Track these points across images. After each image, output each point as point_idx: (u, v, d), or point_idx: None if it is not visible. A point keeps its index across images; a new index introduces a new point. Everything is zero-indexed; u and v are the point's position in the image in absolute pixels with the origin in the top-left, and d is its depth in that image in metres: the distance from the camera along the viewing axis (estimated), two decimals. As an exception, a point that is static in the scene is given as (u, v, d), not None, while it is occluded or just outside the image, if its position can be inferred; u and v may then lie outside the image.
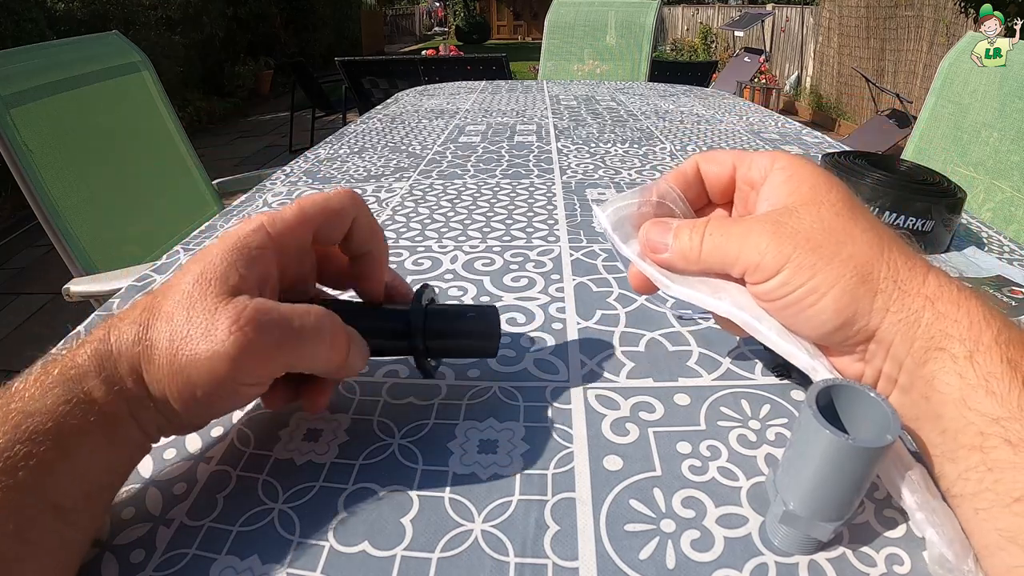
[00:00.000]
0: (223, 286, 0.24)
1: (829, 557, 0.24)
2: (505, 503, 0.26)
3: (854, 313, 0.24)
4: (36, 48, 1.09)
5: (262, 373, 0.25)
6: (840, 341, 0.26)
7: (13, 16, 3.45)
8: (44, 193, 0.96)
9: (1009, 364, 0.21)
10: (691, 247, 0.28)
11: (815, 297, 0.25)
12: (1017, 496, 0.20)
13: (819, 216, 0.26)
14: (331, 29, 8.56)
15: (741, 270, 0.27)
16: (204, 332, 0.23)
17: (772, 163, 0.29)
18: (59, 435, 0.22)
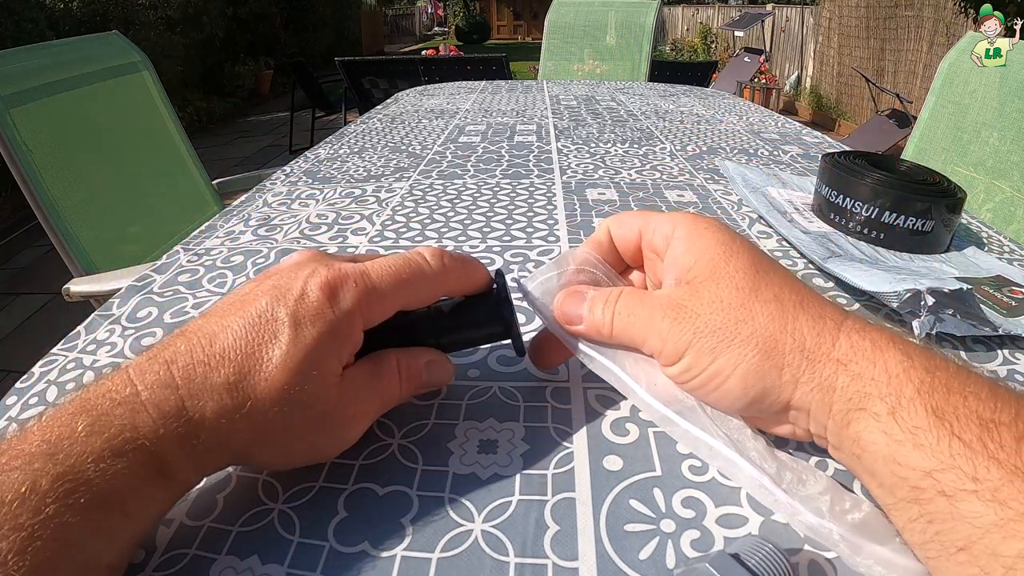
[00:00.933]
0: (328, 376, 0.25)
1: (829, 557, 0.24)
2: (505, 503, 0.26)
3: (762, 390, 0.25)
4: (36, 48, 1.09)
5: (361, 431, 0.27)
6: (758, 413, 0.26)
7: (13, 16, 3.45)
8: (44, 193, 0.96)
9: (935, 414, 0.21)
10: (603, 321, 0.28)
11: (719, 380, 0.25)
12: (960, 546, 0.19)
13: (718, 295, 0.26)
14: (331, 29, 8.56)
15: (649, 351, 0.28)
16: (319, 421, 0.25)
17: (673, 230, 0.28)
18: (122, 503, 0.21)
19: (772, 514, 0.26)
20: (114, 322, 0.41)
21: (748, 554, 0.21)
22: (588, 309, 0.29)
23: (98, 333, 0.40)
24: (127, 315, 0.42)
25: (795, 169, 0.74)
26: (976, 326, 0.37)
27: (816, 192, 0.58)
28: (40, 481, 0.19)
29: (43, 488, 0.19)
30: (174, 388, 0.23)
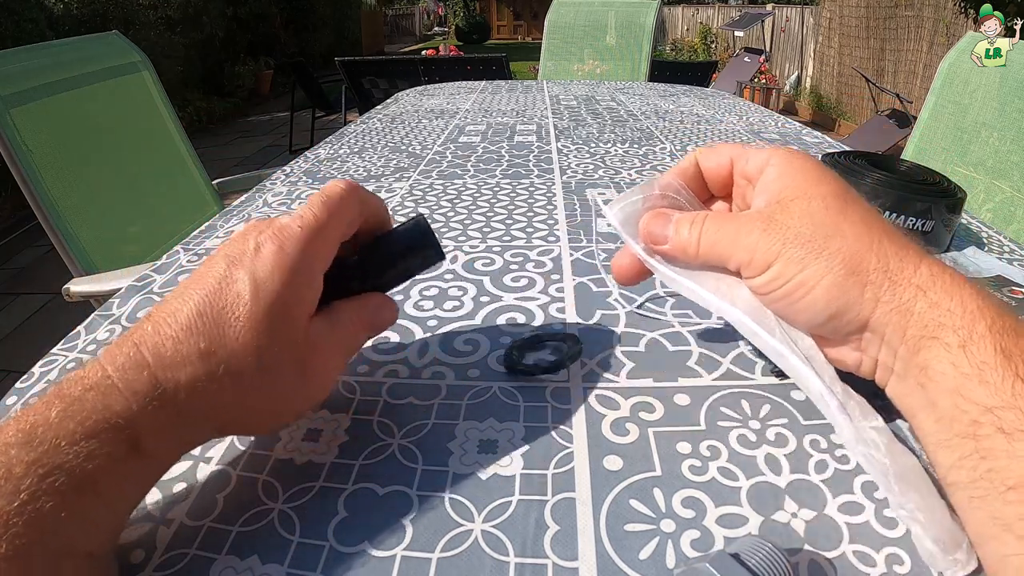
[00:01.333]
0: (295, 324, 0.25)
1: (829, 557, 0.24)
2: (505, 503, 0.26)
3: (844, 304, 0.25)
4: (36, 48, 1.09)
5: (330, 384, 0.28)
6: (833, 331, 0.26)
7: (13, 16, 3.45)
8: (44, 193, 0.96)
9: (1003, 353, 0.22)
10: (690, 241, 0.29)
11: (804, 290, 0.25)
12: (1011, 484, 0.20)
13: (808, 211, 0.26)
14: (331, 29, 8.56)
15: (735, 265, 0.28)
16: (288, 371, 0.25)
17: (767, 159, 0.29)
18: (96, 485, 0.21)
19: (772, 514, 0.26)
20: (114, 322, 0.41)
21: (748, 554, 0.21)
22: (674, 230, 0.29)
23: (98, 333, 0.40)
24: (127, 315, 0.42)
25: (795, 169, 0.74)
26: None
27: (816, 192, 0.57)
28: (15, 468, 0.19)
29: (17, 474, 0.19)
30: (145, 366, 0.23)
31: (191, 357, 0.23)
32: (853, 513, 0.26)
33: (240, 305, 0.24)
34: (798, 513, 0.26)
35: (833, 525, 0.25)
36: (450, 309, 0.42)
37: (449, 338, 0.38)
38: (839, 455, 0.29)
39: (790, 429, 0.31)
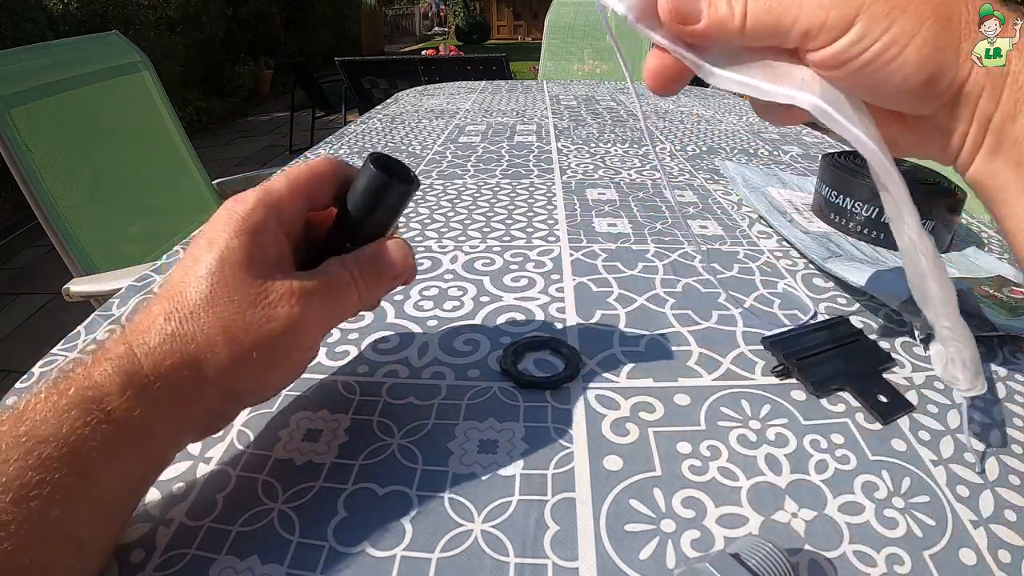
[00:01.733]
0: (259, 267, 0.25)
1: (829, 557, 0.24)
2: (505, 503, 0.26)
3: (940, 64, 0.21)
4: (36, 48, 1.09)
5: (319, 335, 0.27)
6: (925, 103, 0.23)
7: (13, 16, 3.45)
8: (44, 193, 0.96)
9: None
10: (731, 14, 0.23)
11: (896, 50, 0.21)
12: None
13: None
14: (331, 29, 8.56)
15: (800, 33, 0.22)
16: (266, 316, 0.24)
17: None
18: (78, 461, 0.21)
19: (772, 514, 0.26)
20: (114, 322, 0.41)
21: (748, 554, 0.21)
22: (710, 2, 0.23)
23: (98, 333, 0.40)
24: (127, 315, 0.42)
25: (795, 169, 0.74)
26: (976, 325, 0.37)
27: (816, 192, 0.58)
28: (3, 442, 0.20)
29: (4, 448, 0.20)
30: (124, 337, 0.24)
31: (158, 320, 0.24)
32: (853, 513, 0.26)
33: (199, 264, 0.24)
34: (798, 513, 0.26)
35: (833, 525, 0.25)
36: (450, 309, 0.42)
37: (449, 338, 0.38)
38: (839, 455, 0.29)
39: (790, 429, 0.31)
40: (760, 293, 0.44)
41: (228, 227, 0.25)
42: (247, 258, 0.25)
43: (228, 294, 0.24)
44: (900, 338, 0.39)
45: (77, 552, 0.21)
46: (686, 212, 0.59)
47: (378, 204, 0.28)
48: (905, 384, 0.34)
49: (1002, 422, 0.32)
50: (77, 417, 0.21)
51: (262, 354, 0.25)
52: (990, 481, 0.28)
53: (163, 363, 0.23)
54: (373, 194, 0.28)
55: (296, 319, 0.25)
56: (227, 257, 0.24)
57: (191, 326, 0.24)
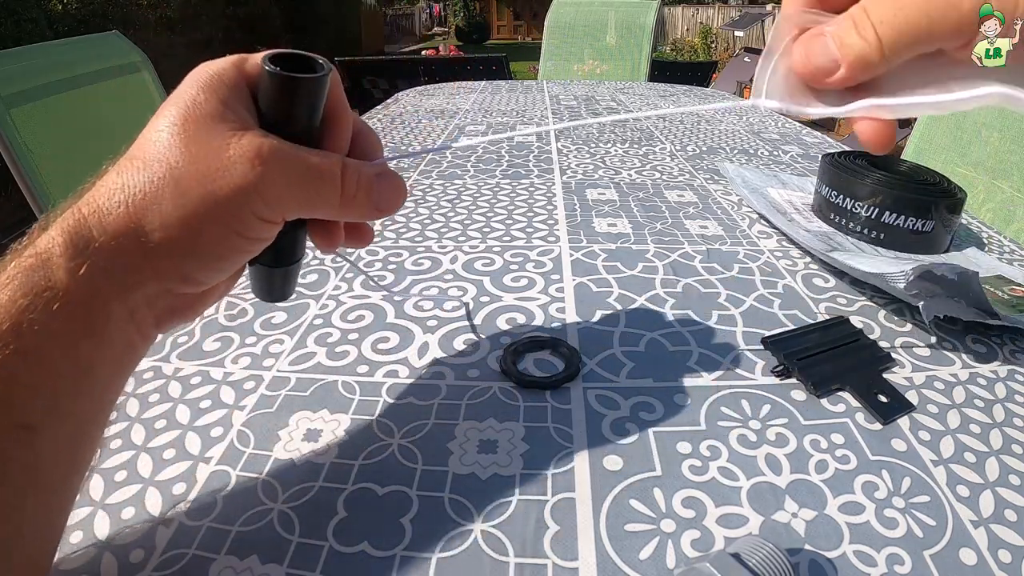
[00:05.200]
0: (223, 121, 0.22)
1: (830, 556, 0.24)
2: (505, 503, 0.26)
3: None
4: (36, 48, 1.09)
5: (282, 209, 0.23)
6: None
7: (13, 16, 3.45)
8: (44, 193, 0.96)
9: None
10: (868, 42, 0.21)
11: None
12: None
13: None
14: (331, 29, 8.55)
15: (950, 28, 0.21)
16: (220, 168, 0.21)
17: None
18: (18, 336, 0.18)
19: (772, 514, 0.26)
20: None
21: (748, 554, 0.21)
22: (839, 43, 0.22)
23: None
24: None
25: (795, 169, 0.74)
26: (979, 312, 0.37)
27: (816, 192, 0.58)
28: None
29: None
30: (78, 203, 0.21)
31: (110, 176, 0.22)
32: (853, 513, 0.26)
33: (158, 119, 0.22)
34: (798, 513, 0.26)
35: (833, 525, 0.25)
36: (450, 309, 0.42)
37: (449, 338, 0.38)
38: (839, 455, 0.29)
39: (790, 429, 0.31)
40: (760, 293, 0.44)
41: (195, 83, 0.23)
42: (212, 112, 0.22)
43: (185, 145, 0.21)
44: (900, 338, 0.39)
45: (27, 440, 0.19)
46: (686, 212, 0.59)
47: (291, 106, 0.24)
48: (905, 384, 0.34)
49: (1002, 422, 0.32)
50: (17, 288, 0.19)
51: (209, 213, 0.21)
52: (990, 481, 0.28)
53: (107, 217, 0.21)
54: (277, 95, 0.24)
55: (255, 180, 0.21)
56: (191, 110, 0.22)
57: (141, 177, 0.21)
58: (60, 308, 0.19)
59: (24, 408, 0.19)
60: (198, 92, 0.22)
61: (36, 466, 0.19)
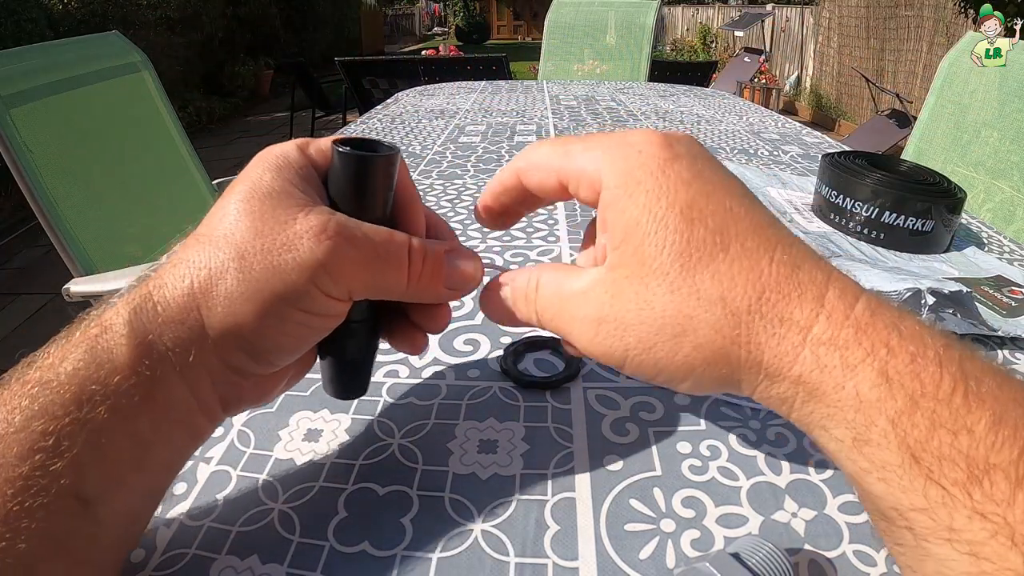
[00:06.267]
0: (289, 199, 0.22)
1: (830, 557, 0.24)
2: (505, 503, 0.26)
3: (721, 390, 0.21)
4: (36, 48, 1.09)
5: (348, 286, 0.22)
6: None
7: (13, 16, 3.45)
8: (44, 193, 0.96)
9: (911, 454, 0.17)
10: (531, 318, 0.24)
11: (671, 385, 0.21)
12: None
13: (646, 299, 0.20)
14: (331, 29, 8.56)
15: None
16: (285, 243, 0.21)
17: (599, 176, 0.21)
18: (79, 407, 0.19)
19: (772, 514, 0.26)
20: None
21: (748, 554, 0.21)
22: (513, 303, 0.25)
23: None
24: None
25: (795, 169, 0.74)
26: (976, 325, 0.37)
27: (816, 192, 0.58)
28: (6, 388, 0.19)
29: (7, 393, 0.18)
30: (145, 281, 0.21)
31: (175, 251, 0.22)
32: (853, 513, 0.26)
33: (225, 199, 0.22)
34: (798, 513, 0.26)
35: (833, 525, 0.25)
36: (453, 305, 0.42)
37: (449, 338, 0.38)
38: (839, 455, 0.29)
39: (790, 429, 0.31)
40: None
41: (261, 164, 0.23)
42: (278, 189, 0.22)
43: (251, 220, 0.21)
44: (900, 338, 0.39)
45: (84, 513, 0.19)
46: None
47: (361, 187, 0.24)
48: (905, 384, 0.34)
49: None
50: (80, 357, 0.19)
51: (274, 288, 0.21)
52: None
53: (170, 293, 0.21)
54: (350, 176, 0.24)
55: (321, 255, 0.21)
56: (256, 188, 0.22)
57: (205, 253, 0.21)
58: (121, 382, 0.19)
59: (82, 480, 0.19)
60: (264, 172, 0.22)
61: (93, 537, 0.20)
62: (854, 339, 0.18)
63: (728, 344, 0.19)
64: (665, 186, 0.20)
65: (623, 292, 0.20)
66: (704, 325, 0.19)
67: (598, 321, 0.21)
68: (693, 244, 0.20)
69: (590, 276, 0.22)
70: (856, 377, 0.18)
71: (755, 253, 0.19)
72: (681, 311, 0.20)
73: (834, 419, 0.18)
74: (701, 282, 0.19)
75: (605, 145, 0.22)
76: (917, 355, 0.18)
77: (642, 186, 0.20)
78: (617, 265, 0.21)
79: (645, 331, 0.20)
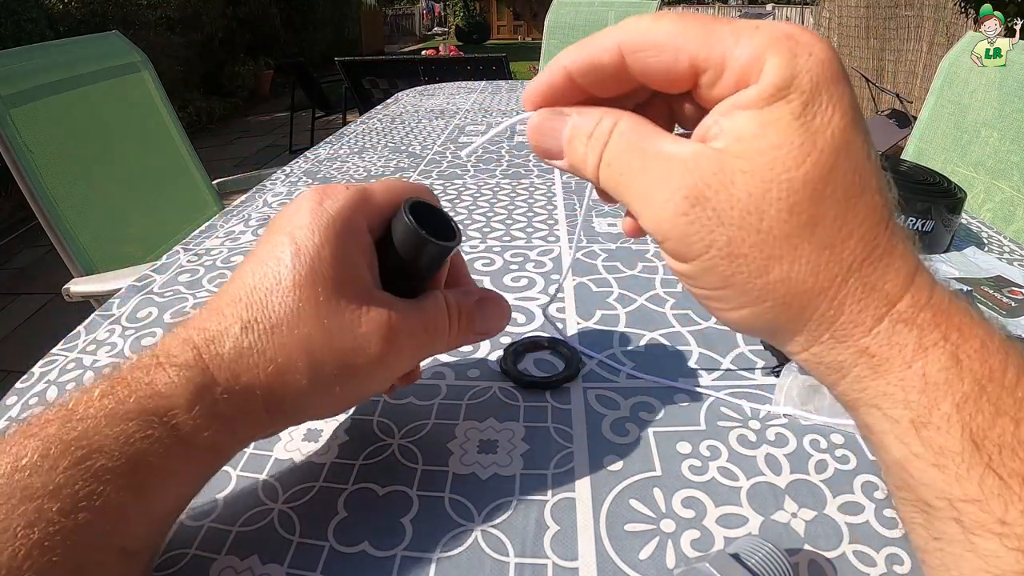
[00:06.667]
0: (352, 288, 0.23)
1: (829, 557, 0.24)
2: (505, 503, 0.26)
3: (768, 335, 0.20)
4: (36, 48, 1.09)
5: (405, 366, 0.26)
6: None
7: (13, 16, 3.45)
8: (44, 193, 0.96)
9: (972, 440, 0.16)
10: (586, 164, 0.21)
11: (722, 306, 0.20)
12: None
13: (758, 208, 0.17)
14: (331, 29, 8.56)
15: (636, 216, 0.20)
16: (355, 347, 0.23)
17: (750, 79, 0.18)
18: (133, 474, 0.20)
19: (772, 514, 0.26)
20: (114, 322, 0.41)
21: (748, 554, 0.21)
22: (568, 141, 0.21)
23: (98, 333, 0.40)
24: (127, 315, 0.42)
25: (795, 169, 0.74)
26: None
27: (816, 192, 0.57)
28: (52, 447, 0.19)
29: (54, 454, 0.19)
30: (190, 342, 0.22)
31: (233, 328, 0.22)
32: (853, 513, 0.26)
33: (281, 266, 0.22)
34: (798, 513, 0.26)
35: (833, 525, 0.25)
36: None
37: (449, 338, 0.38)
38: (839, 455, 0.29)
39: (790, 429, 0.31)
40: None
41: (316, 229, 0.23)
42: (340, 275, 0.22)
43: (317, 315, 0.22)
44: (900, 338, 0.39)
45: (126, 563, 0.20)
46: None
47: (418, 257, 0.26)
48: (905, 384, 0.34)
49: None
50: (136, 430, 0.20)
51: (344, 385, 0.23)
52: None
53: (238, 380, 0.22)
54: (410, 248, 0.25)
55: (385, 355, 0.23)
56: (318, 270, 0.22)
57: (272, 343, 0.22)
58: (180, 456, 0.21)
59: (129, 536, 0.20)
60: (321, 244, 0.23)
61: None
62: (932, 321, 0.17)
63: (816, 291, 0.18)
64: (828, 104, 0.17)
65: (736, 183, 0.17)
66: (805, 260, 0.18)
67: (692, 200, 0.18)
68: (835, 175, 0.17)
69: (692, 146, 0.18)
70: (926, 357, 0.17)
71: (878, 213, 0.18)
72: (790, 237, 0.17)
73: (893, 398, 0.17)
74: (823, 218, 0.17)
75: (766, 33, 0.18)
76: (987, 340, 0.17)
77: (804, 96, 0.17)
78: (741, 155, 0.17)
79: (742, 237, 0.18)
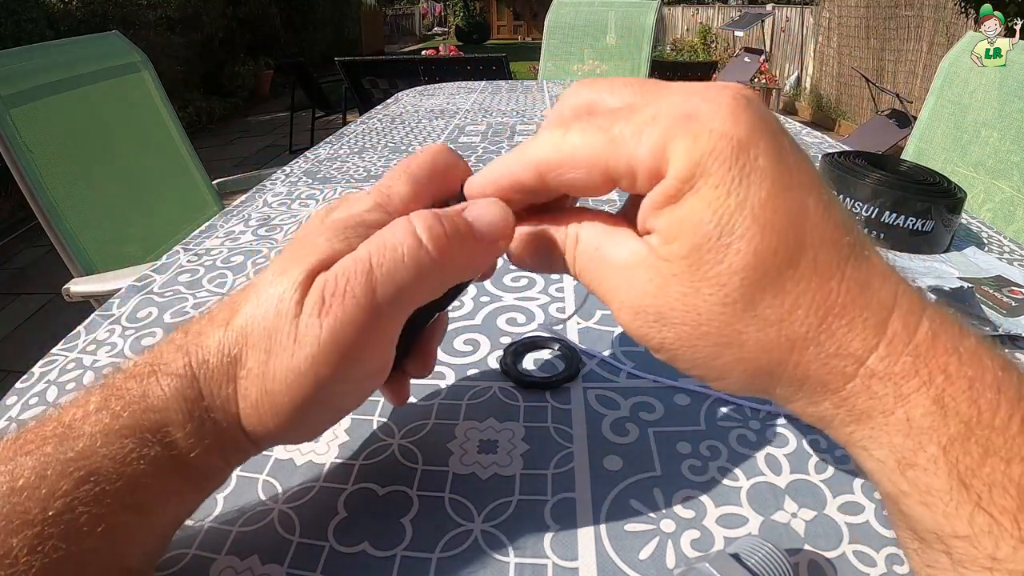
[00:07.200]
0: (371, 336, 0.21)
1: (829, 557, 0.24)
2: (505, 503, 0.26)
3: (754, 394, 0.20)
4: (36, 48, 1.09)
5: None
6: None
7: (13, 16, 3.45)
8: (44, 193, 0.96)
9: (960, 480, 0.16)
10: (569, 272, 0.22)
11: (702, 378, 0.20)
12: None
13: (693, 305, 0.18)
14: (331, 29, 8.56)
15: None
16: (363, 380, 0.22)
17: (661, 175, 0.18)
18: (133, 495, 0.19)
19: (772, 514, 0.26)
20: (114, 322, 0.41)
21: (748, 554, 0.21)
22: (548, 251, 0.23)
23: (98, 333, 0.40)
24: (127, 315, 0.42)
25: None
26: (977, 325, 0.37)
27: (816, 192, 0.57)
28: (49, 468, 0.18)
29: (52, 477, 0.18)
30: (184, 351, 0.20)
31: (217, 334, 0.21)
32: (853, 513, 0.26)
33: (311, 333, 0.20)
34: (798, 513, 0.26)
35: (833, 525, 0.25)
36: (450, 309, 0.42)
37: (449, 338, 0.38)
38: (839, 455, 0.29)
39: (790, 429, 0.31)
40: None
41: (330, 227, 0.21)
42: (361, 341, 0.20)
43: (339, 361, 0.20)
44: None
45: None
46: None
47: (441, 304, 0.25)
48: (905, 384, 0.34)
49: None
50: (133, 448, 0.19)
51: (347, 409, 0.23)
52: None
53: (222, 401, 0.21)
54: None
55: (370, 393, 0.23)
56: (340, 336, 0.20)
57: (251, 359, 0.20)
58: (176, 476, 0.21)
59: (131, 555, 0.20)
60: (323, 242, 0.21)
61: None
62: (911, 367, 0.17)
63: (774, 363, 0.18)
64: (739, 179, 0.17)
65: (668, 289, 0.18)
66: (753, 343, 0.18)
67: (635, 310, 0.19)
68: (759, 256, 0.17)
69: (634, 252, 0.19)
70: (907, 404, 0.17)
71: (826, 270, 0.17)
72: (731, 324, 0.18)
73: (878, 441, 0.17)
74: (760, 300, 0.17)
75: (664, 121, 0.18)
76: (975, 380, 0.17)
77: (712, 179, 0.17)
78: (667, 258, 0.18)
79: (686, 332, 0.19)
